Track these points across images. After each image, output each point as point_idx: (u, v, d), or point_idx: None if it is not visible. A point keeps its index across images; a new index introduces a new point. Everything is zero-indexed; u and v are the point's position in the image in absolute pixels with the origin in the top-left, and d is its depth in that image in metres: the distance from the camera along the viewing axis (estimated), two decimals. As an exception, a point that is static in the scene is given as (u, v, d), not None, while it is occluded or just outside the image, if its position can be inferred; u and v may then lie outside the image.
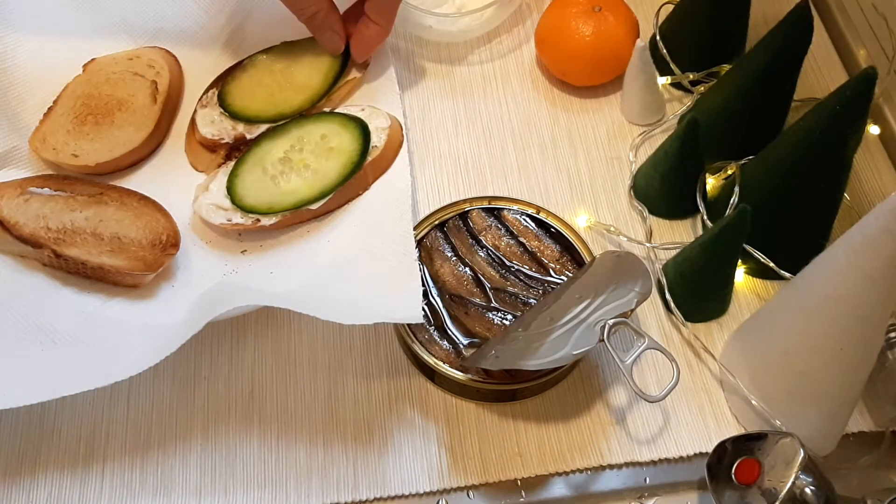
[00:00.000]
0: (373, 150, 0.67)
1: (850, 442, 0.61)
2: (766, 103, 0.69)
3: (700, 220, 0.69)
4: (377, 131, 0.68)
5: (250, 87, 0.71)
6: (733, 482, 0.55)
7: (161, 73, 0.72)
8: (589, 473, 0.60)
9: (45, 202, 0.65)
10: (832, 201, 0.65)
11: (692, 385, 0.63)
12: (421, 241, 0.65)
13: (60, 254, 0.62)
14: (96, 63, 0.73)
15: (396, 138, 0.68)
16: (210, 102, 0.71)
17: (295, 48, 0.73)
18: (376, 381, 0.62)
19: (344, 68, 0.72)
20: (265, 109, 0.70)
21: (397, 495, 0.58)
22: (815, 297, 0.54)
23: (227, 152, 0.69)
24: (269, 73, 0.72)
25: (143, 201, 0.66)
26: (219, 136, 0.69)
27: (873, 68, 0.57)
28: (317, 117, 0.69)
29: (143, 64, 0.73)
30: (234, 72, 0.72)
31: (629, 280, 0.58)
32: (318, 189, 0.65)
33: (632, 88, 0.73)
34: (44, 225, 0.64)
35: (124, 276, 0.62)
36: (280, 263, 0.65)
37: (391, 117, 0.69)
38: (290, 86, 0.71)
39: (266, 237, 0.66)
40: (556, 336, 0.55)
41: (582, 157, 0.73)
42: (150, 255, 0.63)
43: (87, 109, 0.70)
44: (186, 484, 0.58)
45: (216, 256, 0.66)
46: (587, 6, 0.73)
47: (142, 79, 0.72)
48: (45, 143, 0.69)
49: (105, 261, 0.62)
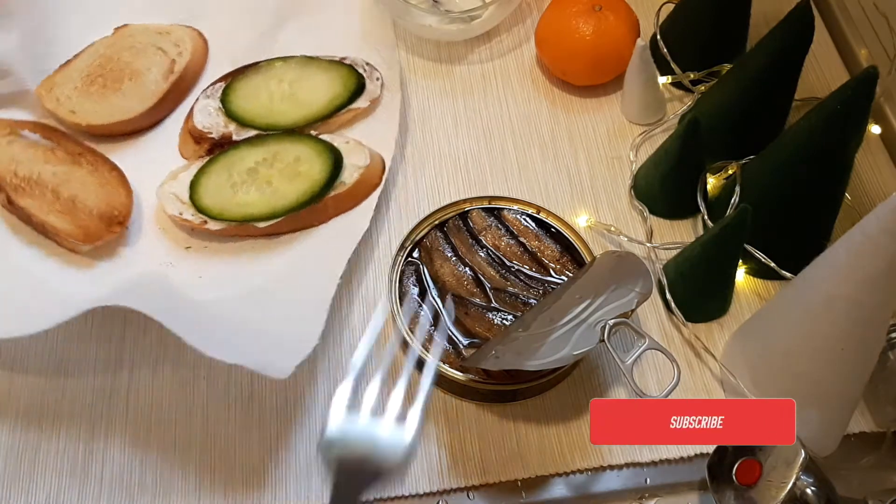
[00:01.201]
0: (339, 185, 0.65)
1: (851, 442, 0.61)
2: (766, 103, 0.69)
3: (701, 219, 0.69)
4: (351, 168, 0.66)
5: (255, 90, 0.71)
6: (734, 483, 0.55)
7: (182, 54, 0.73)
8: (589, 474, 0.60)
9: (25, 148, 0.67)
10: (833, 201, 0.64)
11: (693, 385, 0.63)
12: (421, 241, 0.64)
13: (13, 201, 0.64)
14: (127, 29, 0.74)
15: (371, 179, 0.67)
16: (213, 94, 0.71)
17: (312, 64, 0.72)
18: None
19: (354, 99, 0.71)
20: (259, 116, 0.70)
21: (397, 496, 0.58)
22: (816, 297, 0.54)
23: (210, 147, 0.69)
24: (277, 82, 0.71)
25: (114, 173, 0.67)
26: (208, 129, 0.69)
27: (874, 68, 0.57)
28: (299, 138, 0.68)
29: (169, 41, 0.73)
30: (247, 71, 0.72)
31: (629, 280, 0.58)
32: (271, 209, 0.65)
33: (632, 88, 0.73)
34: (13, 169, 0.65)
35: (62, 239, 0.64)
36: (211, 271, 0.65)
37: (374, 157, 0.68)
38: (291, 99, 0.71)
39: (213, 240, 0.66)
40: (556, 336, 0.55)
41: (582, 156, 0.73)
42: (95, 226, 0.64)
43: (100, 71, 0.71)
44: (186, 484, 0.58)
45: (162, 245, 0.66)
46: (587, 5, 0.73)
47: (163, 55, 0.72)
48: (51, 93, 0.70)
49: (51, 219, 0.64)
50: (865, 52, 0.78)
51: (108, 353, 0.63)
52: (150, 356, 0.63)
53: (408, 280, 0.63)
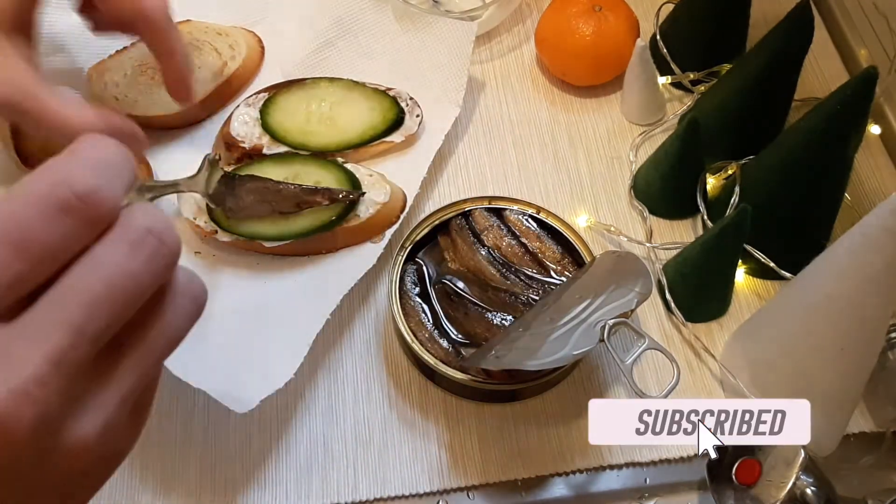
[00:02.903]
0: (353, 217, 0.64)
1: (850, 442, 0.61)
2: (766, 103, 0.69)
3: (700, 220, 0.69)
4: (369, 202, 0.64)
5: (294, 107, 0.70)
6: (734, 482, 0.55)
7: (235, 58, 0.72)
8: (589, 474, 0.60)
9: None
10: (833, 201, 0.64)
11: (693, 385, 0.63)
12: (421, 241, 0.65)
13: None
14: (188, 25, 0.73)
15: (388, 216, 0.65)
16: (255, 104, 0.70)
17: (356, 90, 0.71)
18: (376, 380, 0.62)
19: (389, 132, 0.69)
20: (292, 133, 0.69)
21: (397, 496, 0.58)
22: (816, 297, 0.54)
23: (240, 156, 0.69)
24: (318, 102, 0.70)
25: (142, 165, 0.67)
26: (241, 138, 0.68)
27: (874, 68, 0.57)
28: (323, 163, 0.67)
29: (226, 43, 0.73)
30: (292, 86, 0.71)
31: (629, 280, 0.58)
32: (279, 230, 0.64)
33: (632, 88, 0.73)
34: (47, 148, 0.64)
35: None
36: (212, 281, 0.64)
37: (395, 193, 0.66)
38: (328, 121, 0.69)
39: (221, 250, 0.66)
40: (556, 336, 0.55)
41: (582, 156, 0.73)
42: None
43: (152, 62, 0.69)
44: (186, 484, 0.58)
45: None
46: (587, 5, 0.73)
47: (217, 56, 0.72)
48: (101, 77, 0.70)
49: None
50: (865, 52, 0.78)
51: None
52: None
53: (408, 280, 0.63)
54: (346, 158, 0.68)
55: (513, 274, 0.63)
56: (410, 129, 0.70)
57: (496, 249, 0.64)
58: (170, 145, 0.71)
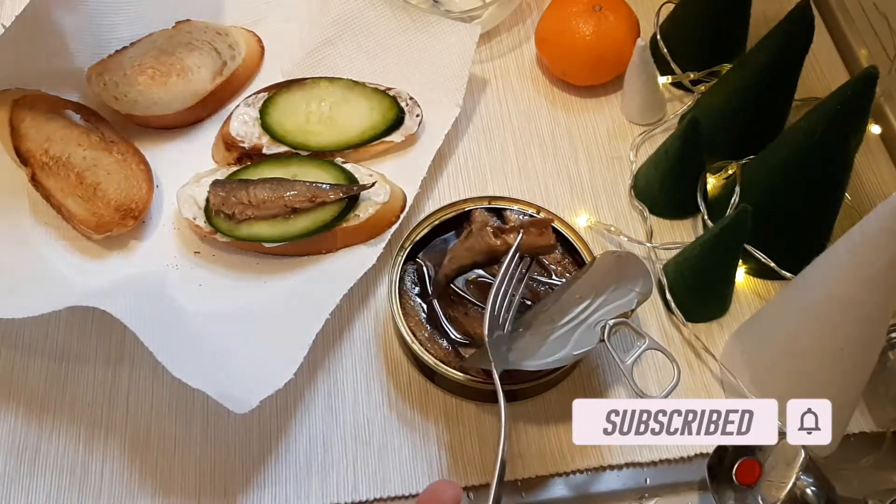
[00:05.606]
0: (353, 217, 0.64)
1: (851, 442, 0.61)
2: (766, 103, 0.69)
3: (701, 219, 0.69)
4: (368, 203, 0.65)
5: (294, 107, 0.70)
6: (734, 483, 0.55)
7: (235, 59, 0.72)
8: (589, 474, 0.60)
9: (62, 127, 0.67)
10: (833, 201, 0.64)
11: (693, 385, 0.63)
12: (421, 241, 0.64)
13: (37, 179, 0.64)
14: (188, 25, 0.73)
15: (387, 216, 0.66)
16: (254, 103, 0.70)
17: (356, 90, 0.71)
18: (376, 380, 0.62)
19: (389, 132, 0.69)
20: (292, 133, 0.69)
21: (397, 496, 0.58)
22: (816, 297, 0.54)
23: (240, 156, 0.69)
24: (318, 101, 0.70)
25: (142, 167, 0.67)
26: (241, 138, 0.68)
27: (874, 67, 0.57)
28: (322, 164, 0.67)
29: (225, 43, 0.73)
30: (292, 86, 0.71)
31: (629, 280, 0.58)
32: (279, 231, 0.64)
33: (632, 88, 0.73)
34: (45, 147, 0.65)
35: (76, 224, 0.64)
36: (212, 281, 0.64)
37: (395, 194, 0.66)
38: (328, 121, 0.70)
39: (221, 250, 0.66)
40: (556, 336, 0.55)
41: (582, 156, 0.73)
42: (109, 217, 0.64)
43: (152, 63, 0.70)
44: (186, 484, 0.58)
45: (173, 245, 0.66)
46: (587, 5, 0.73)
47: (216, 56, 0.72)
48: (101, 76, 0.70)
49: (69, 203, 0.64)
50: (865, 52, 0.78)
51: (108, 351, 0.63)
52: (150, 355, 0.62)
53: (408, 280, 0.63)
54: (345, 158, 0.68)
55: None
56: (410, 129, 0.70)
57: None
58: (170, 145, 0.71)
